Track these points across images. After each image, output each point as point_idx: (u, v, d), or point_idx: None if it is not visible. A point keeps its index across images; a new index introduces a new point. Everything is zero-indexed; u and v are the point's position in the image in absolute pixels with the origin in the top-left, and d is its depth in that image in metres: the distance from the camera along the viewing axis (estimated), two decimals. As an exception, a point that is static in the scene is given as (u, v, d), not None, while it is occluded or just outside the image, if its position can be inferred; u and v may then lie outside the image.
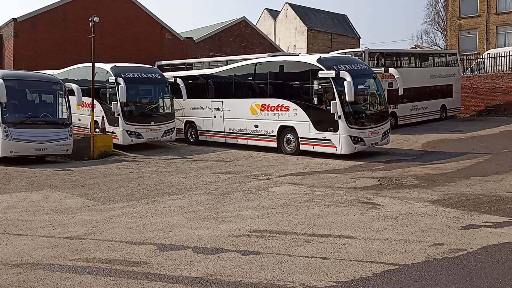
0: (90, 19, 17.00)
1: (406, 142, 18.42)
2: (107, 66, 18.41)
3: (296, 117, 15.63)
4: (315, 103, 15.05)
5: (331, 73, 14.27)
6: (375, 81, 15.60)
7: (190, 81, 19.67)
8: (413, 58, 25.57)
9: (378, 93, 15.74)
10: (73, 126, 16.80)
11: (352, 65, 15.05)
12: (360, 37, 66.83)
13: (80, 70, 20.54)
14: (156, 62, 27.69)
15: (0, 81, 15.07)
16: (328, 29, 62.95)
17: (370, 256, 6.24)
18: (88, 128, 18.24)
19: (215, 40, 34.67)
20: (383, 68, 18.12)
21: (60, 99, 16.46)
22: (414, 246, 6.61)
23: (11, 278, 5.72)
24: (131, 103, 18.11)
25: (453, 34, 38.50)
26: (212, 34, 34.80)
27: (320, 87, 14.94)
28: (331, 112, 14.27)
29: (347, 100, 14.05)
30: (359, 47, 37.46)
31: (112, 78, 17.71)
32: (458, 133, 20.46)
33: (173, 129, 18.64)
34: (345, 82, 13.92)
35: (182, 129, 20.05)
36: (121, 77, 17.56)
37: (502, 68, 27.68)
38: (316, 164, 14.12)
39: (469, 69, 30.34)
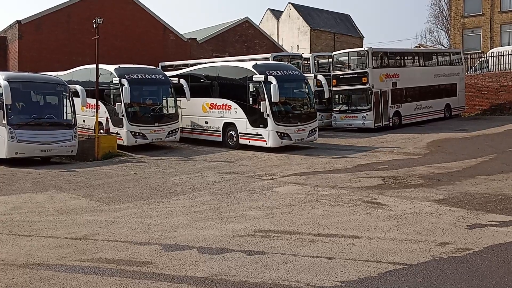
0: (93, 20, 17.04)
1: (411, 142, 18.39)
2: (111, 68, 18.44)
3: (236, 115, 17.72)
4: (251, 103, 17.08)
5: (261, 77, 16.51)
6: (306, 85, 17.81)
7: None
8: (417, 57, 25.54)
9: (309, 96, 17.96)
10: (78, 127, 16.86)
11: (283, 71, 17.26)
12: (363, 37, 66.78)
13: (84, 71, 20.58)
14: (160, 63, 27.70)
15: (5, 83, 15.12)
16: (331, 29, 62.88)
17: (375, 255, 6.23)
18: (92, 129, 18.27)
19: (218, 40, 34.67)
20: (313, 74, 20.82)
21: (64, 100, 16.52)
22: (419, 245, 6.59)
23: (17, 279, 5.75)
24: (135, 104, 18.14)
25: (457, 32, 38.39)
26: (215, 34, 34.79)
27: (254, 89, 17.06)
28: (261, 110, 16.42)
29: (272, 100, 16.10)
30: (362, 47, 37.39)
31: (116, 80, 17.76)
32: (463, 132, 20.41)
33: (177, 130, 18.67)
34: (271, 85, 16.01)
35: None
36: (125, 78, 17.59)
37: (506, 66, 27.60)
38: (320, 164, 14.12)
39: (473, 67, 30.26)
